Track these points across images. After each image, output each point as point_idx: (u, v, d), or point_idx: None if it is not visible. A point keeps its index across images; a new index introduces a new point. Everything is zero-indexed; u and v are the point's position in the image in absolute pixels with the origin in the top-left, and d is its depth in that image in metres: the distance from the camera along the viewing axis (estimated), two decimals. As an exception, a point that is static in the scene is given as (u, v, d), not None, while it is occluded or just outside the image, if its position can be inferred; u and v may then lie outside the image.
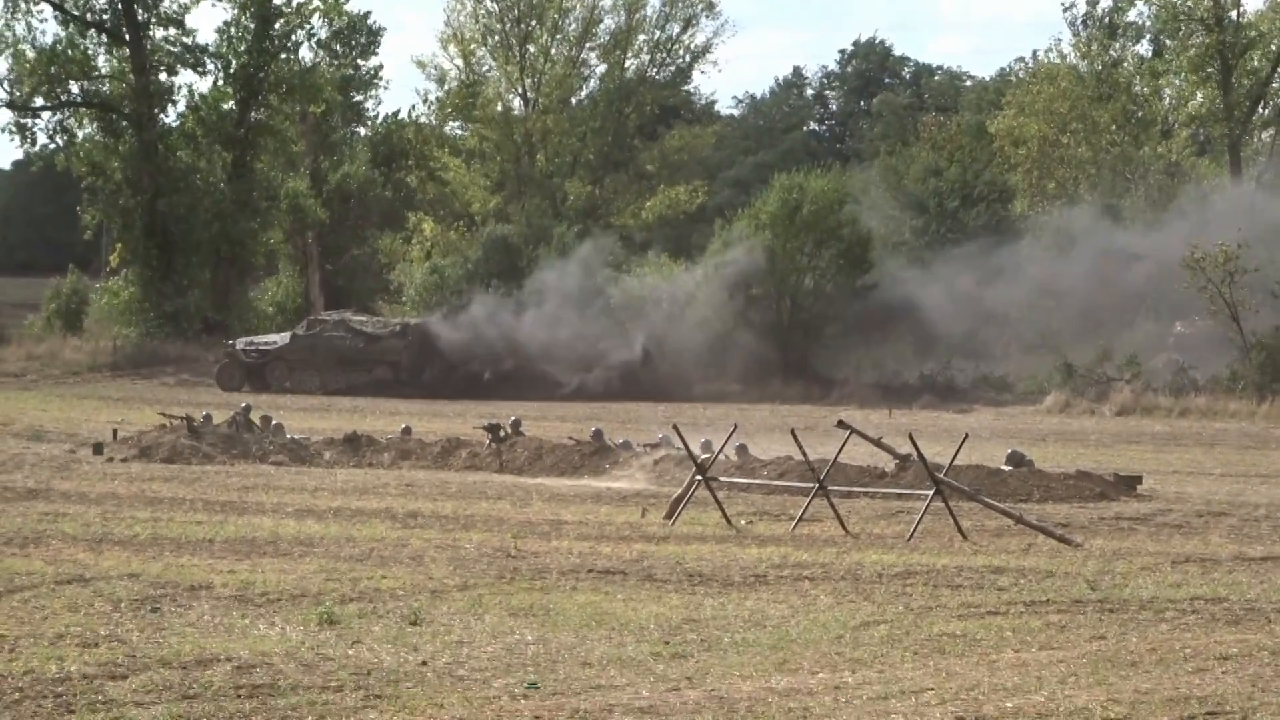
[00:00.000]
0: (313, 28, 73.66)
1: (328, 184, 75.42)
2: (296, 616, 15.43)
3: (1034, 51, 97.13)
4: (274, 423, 34.51)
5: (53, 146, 70.94)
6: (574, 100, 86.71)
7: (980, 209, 70.94)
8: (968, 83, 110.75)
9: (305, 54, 74.67)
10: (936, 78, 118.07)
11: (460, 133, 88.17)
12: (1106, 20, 74.31)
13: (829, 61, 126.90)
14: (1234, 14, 68.97)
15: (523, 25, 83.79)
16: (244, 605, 16.02)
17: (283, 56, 71.15)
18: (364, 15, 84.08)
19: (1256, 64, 69.73)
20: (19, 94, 69.55)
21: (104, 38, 70.16)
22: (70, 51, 68.88)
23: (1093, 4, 73.99)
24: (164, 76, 70.23)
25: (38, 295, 76.36)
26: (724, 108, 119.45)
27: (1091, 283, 55.94)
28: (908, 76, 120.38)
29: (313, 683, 12.56)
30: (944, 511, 22.48)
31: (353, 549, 20.11)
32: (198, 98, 70.69)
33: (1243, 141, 70.64)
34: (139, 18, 69.14)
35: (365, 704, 11.96)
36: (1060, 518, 24.14)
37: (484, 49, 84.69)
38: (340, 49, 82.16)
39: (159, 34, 69.98)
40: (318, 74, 73.25)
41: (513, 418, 35.09)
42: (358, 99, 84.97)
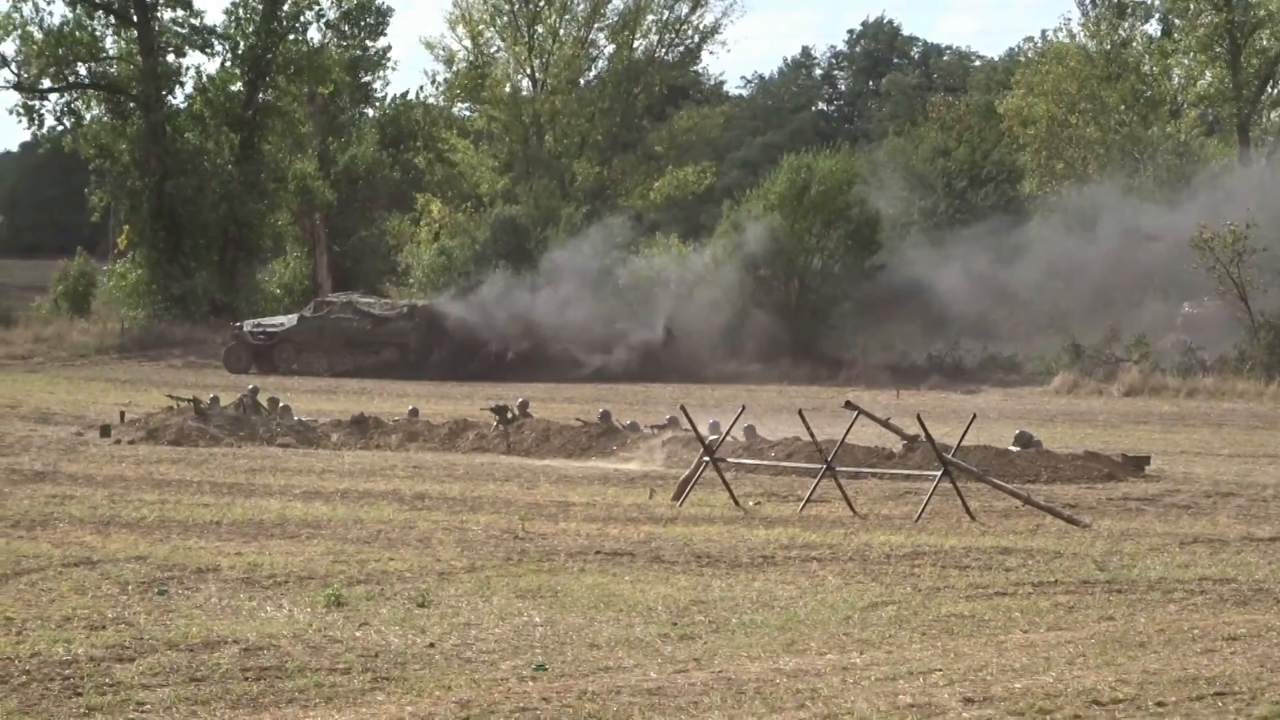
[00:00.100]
0: (321, 8, 73.95)
1: (335, 165, 75.35)
2: (304, 598, 15.43)
3: (1043, 31, 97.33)
4: (281, 405, 34.52)
5: (60, 128, 71.10)
6: (582, 81, 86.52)
7: (989, 189, 70.87)
8: (976, 63, 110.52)
9: (313, 35, 74.87)
10: (945, 58, 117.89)
11: (468, 114, 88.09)
12: (1115, 0, 74.15)
13: (837, 42, 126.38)
14: (1243, -7, 68.91)
15: (531, 6, 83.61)
16: (251, 587, 16.03)
17: (291, 38, 71.15)
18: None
19: (1265, 43, 69.58)
20: (27, 76, 69.57)
21: (112, 19, 70.16)
22: (78, 33, 68.88)
23: (1101, -17, 73.98)
24: (172, 58, 70.35)
25: (45, 277, 76.42)
26: (732, 88, 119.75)
27: (1103, 263, 55.84)
28: (916, 57, 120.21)
29: (320, 665, 12.57)
30: (952, 492, 22.45)
31: (360, 531, 20.10)
32: (205, 79, 70.81)
33: (1251, 121, 70.52)
34: (147, -1, 69.25)
35: (373, 686, 11.97)
36: (1068, 498, 24.11)
37: (492, 30, 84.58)
38: (348, 30, 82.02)
39: (167, 15, 70.10)
40: (326, 55, 73.23)
41: (520, 399, 35.02)
42: (366, 80, 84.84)
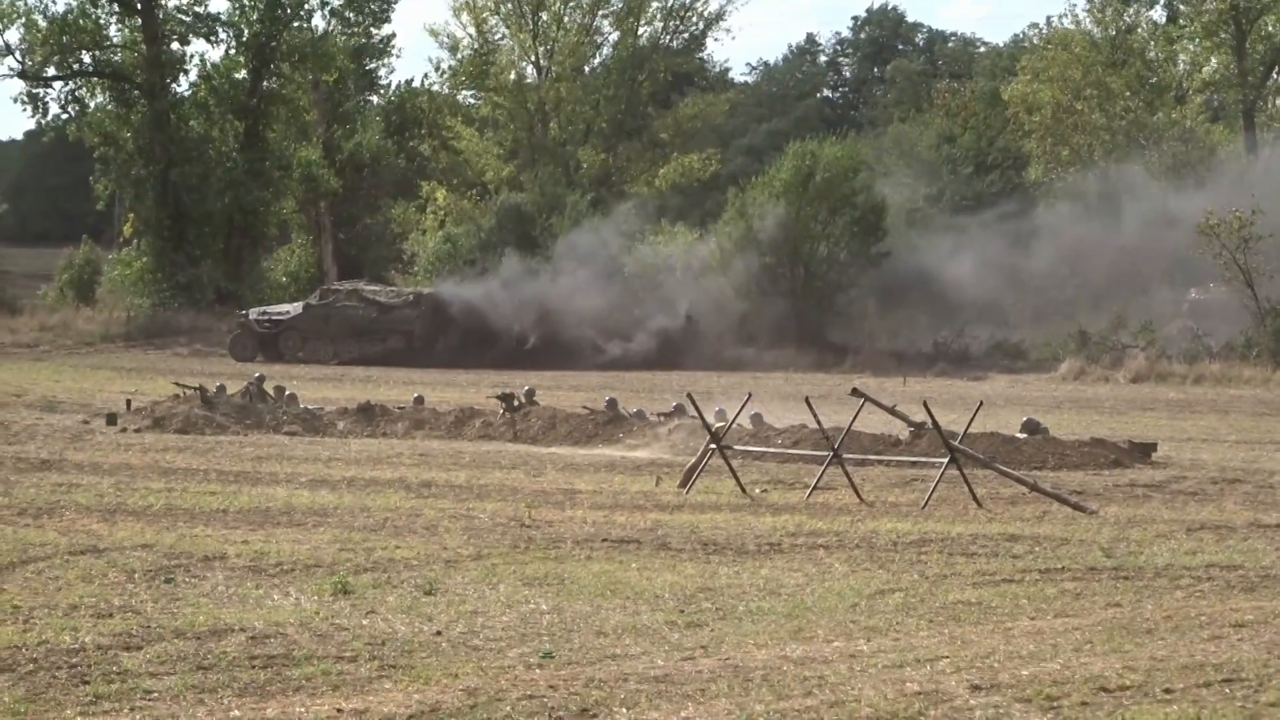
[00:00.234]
0: (325, -4, 73.78)
1: (340, 153, 75.29)
2: (311, 587, 15.42)
3: (1048, 17, 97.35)
4: (287, 393, 34.52)
5: (65, 116, 71.02)
6: (587, 68, 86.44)
7: (994, 176, 70.82)
8: (981, 49, 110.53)
9: (318, 22, 74.81)
10: (950, 44, 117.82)
11: (473, 101, 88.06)
12: (1120, -14, 74.10)
13: (842, 28, 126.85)
14: (1248, -21, 68.80)
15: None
16: (258, 576, 16.02)
17: (295, 25, 71.06)
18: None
19: (1270, 29, 69.54)
20: (31, 64, 69.45)
21: (116, 6, 70.05)
22: (82, 21, 68.78)
23: (1106, -30, 73.84)
24: (176, 45, 70.21)
25: (50, 266, 76.46)
26: (737, 75, 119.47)
27: (1112, 249, 55.78)
28: (921, 43, 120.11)
29: (327, 653, 12.56)
30: (959, 479, 22.43)
31: (367, 519, 20.09)
32: (210, 67, 70.71)
33: (1256, 107, 70.43)
34: (151, -13, 69.17)
35: (380, 674, 11.96)
36: (1075, 485, 24.10)
37: (497, 17, 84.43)
38: (353, 17, 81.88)
39: (171, 3, 70.01)
40: (330, 42, 73.13)
41: (526, 387, 35.02)
42: (370, 67, 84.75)
